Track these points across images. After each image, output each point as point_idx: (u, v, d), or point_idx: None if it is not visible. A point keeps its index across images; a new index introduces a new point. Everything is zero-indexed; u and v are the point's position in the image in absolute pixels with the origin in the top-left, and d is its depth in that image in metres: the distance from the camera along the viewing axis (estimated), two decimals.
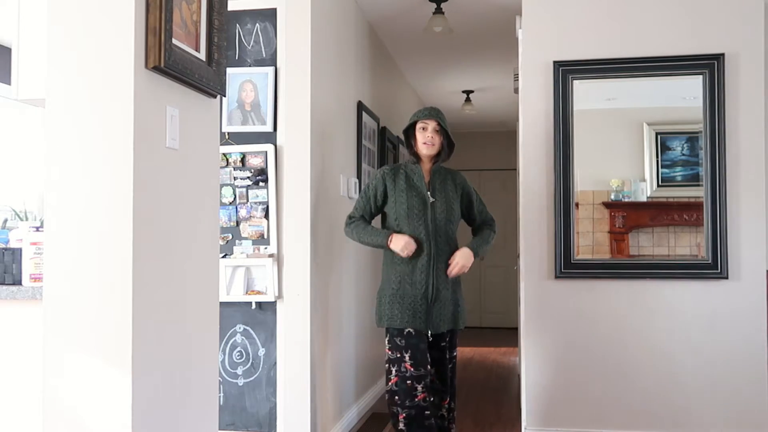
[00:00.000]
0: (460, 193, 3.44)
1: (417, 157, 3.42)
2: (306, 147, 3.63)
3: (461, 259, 3.32)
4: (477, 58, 6.14)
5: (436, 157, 3.40)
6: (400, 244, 3.25)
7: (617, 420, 3.89)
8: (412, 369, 3.21)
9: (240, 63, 3.70)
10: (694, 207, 3.87)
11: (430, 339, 3.31)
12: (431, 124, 3.36)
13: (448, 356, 3.41)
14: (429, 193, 3.34)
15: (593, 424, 3.91)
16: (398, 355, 3.25)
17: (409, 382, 3.20)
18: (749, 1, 3.84)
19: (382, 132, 5.51)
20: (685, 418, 3.83)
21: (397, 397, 3.24)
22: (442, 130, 3.36)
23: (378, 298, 3.38)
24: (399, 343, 3.25)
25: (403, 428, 3.23)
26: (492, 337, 8.51)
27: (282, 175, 3.63)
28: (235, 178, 3.65)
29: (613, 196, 3.96)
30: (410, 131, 3.44)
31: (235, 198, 3.65)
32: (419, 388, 3.21)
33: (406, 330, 3.24)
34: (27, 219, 3.80)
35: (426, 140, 3.35)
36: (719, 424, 3.80)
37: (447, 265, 3.31)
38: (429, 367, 3.27)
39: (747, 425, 3.77)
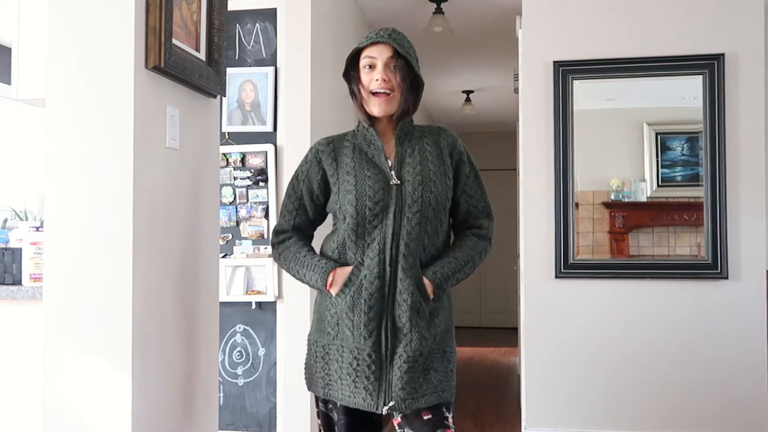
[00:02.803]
0: (448, 162, 2.02)
1: (370, 118, 2.02)
2: (306, 147, 3.61)
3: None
4: (477, 58, 6.14)
5: (403, 114, 2.01)
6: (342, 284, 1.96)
7: (617, 420, 3.89)
8: None
9: (240, 63, 3.70)
10: (694, 207, 3.87)
11: (395, 418, 1.93)
12: (382, 55, 1.96)
13: None
14: (392, 171, 1.98)
15: (593, 424, 3.91)
16: None
17: None
18: (749, 1, 3.85)
19: None
20: (684, 418, 3.83)
21: None
22: (403, 63, 1.97)
23: (307, 342, 2.07)
24: (329, 414, 2.03)
25: None
26: (492, 337, 8.51)
27: (282, 175, 3.63)
28: (235, 178, 3.65)
29: (613, 196, 3.96)
30: (353, 72, 2.03)
31: (235, 198, 3.65)
32: None
33: (339, 405, 1.98)
34: (27, 219, 3.80)
35: (375, 86, 1.95)
36: (719, 424, 3.79)
37: (418, 293, 1.91)
38: None
39: (747, 425, 3.77)
